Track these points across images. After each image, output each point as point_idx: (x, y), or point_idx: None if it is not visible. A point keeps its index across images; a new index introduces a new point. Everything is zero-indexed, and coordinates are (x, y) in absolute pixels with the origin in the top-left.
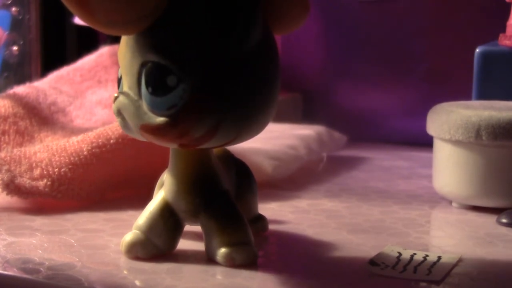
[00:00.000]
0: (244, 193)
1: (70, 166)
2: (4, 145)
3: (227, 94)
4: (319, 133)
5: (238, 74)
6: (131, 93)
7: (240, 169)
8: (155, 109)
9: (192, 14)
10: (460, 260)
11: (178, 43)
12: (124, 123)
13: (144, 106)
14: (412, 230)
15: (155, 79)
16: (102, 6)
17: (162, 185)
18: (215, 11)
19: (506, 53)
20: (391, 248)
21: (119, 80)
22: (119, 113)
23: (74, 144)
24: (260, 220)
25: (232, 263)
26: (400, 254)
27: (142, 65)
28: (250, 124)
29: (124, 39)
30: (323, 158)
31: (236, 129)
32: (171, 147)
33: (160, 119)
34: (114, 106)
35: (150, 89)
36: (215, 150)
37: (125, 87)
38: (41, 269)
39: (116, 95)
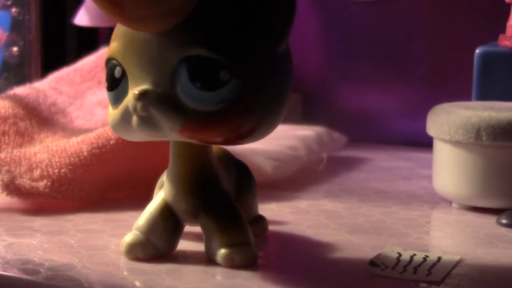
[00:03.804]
0: (244, 194)
1: (70, 167)
2: (4, 146)
3: (271, 89)
4: (319, 133)
5: (278, 71)
6: (161, 90)
7: (240, 169)
8: (203, 104)
9: (232, 8)
10: (460, 260)
11: (229, 37)
12: (148, 121)
13: (185, 102)
14: (412, 230)
15: (206, 73)
16: (132, 1)
17: (162, 185)
18: (260, 9)
19: (506, 53)
20: (391, 249)
21: (117, 80)
22: (145, 110)
23: (74, 145)
24: (260, 220)
25: (232, 263)
26: (400, 254)
27: (183, 60)
28: (276, 122)
29: (140, 35)
30: (323, 159)
31: (270, 125)
32: (215, 142)
33: (209, 115)
34: (139, 103)
35: (198, 84)
36: (215, 150)
37: (146, 84)
38: (41, 270)
39: (139, 92)
